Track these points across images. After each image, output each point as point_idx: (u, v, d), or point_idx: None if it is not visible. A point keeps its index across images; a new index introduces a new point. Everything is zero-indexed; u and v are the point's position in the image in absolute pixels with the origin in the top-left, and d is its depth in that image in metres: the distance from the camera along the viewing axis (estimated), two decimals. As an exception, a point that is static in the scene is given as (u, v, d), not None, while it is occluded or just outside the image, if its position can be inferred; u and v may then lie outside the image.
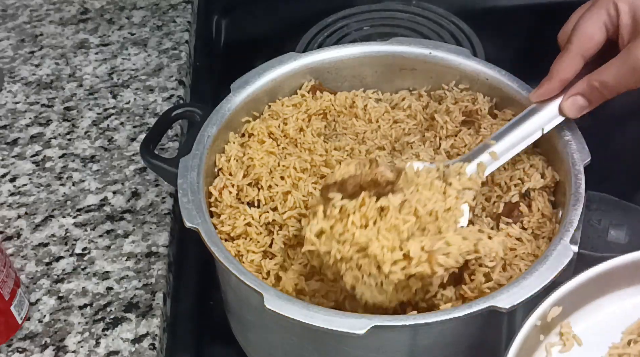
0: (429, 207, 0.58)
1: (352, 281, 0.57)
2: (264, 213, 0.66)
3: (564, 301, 0.55)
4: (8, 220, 0.78)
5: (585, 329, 0.56)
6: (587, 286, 0.56)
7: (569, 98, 0.64)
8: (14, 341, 0.67)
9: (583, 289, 0.56)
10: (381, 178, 0.60)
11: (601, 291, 0.57)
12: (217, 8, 1.14)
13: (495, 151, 0.65)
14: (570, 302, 0.56)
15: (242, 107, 0.72)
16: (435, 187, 0.60)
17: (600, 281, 0.57)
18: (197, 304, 0.76)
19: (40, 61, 0.98)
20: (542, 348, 0.56)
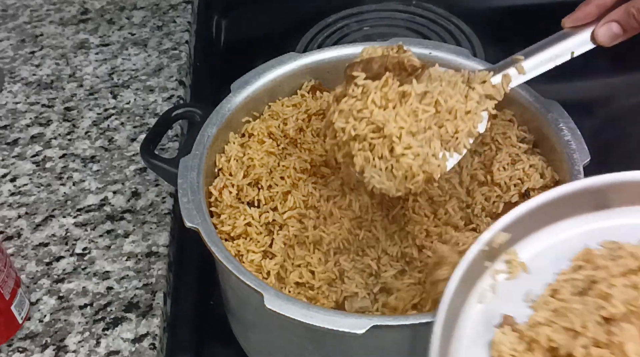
0: (450, 104, 0.57)
1: (362, 163, 0.56)
2: (264, 213, 0.66)
3: (512, 228, 0.55)
4: (8, 220, 0.78)
5: (532, 257, 0.56)
6: (535, 213, 0.56)
7: (604, 24, 0.63)
8: (14, 340, 0.67)
9: (531, 217, 0.56)
10: (407, 62, 0.59)
11: (549, 219, 0.57)
12: (217, 8, 1.14)
13: (523, 66, 0.64)
14: (518, 229, 0.55)
15: (242, 107, 0.72)
16: (459, 88, 0.59)
17: (549, 209, 0.56)
18: (197, 304, 0.76)
19: (40, 61, 0.98)
20: (487, 275, 0.55)
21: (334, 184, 0.68)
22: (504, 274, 0.55)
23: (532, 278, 0.54)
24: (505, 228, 0.55)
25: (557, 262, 0.55)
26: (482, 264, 0.54)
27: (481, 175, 0.67)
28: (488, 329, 0.52)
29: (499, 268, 0.55)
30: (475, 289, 0.54)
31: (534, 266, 0.55)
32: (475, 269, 0.53)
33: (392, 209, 0.66)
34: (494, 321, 0.52)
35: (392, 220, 0.66)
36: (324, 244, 0.64)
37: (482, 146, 0.70)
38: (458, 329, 0.52)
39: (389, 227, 0.66)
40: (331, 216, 0.65)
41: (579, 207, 0.57)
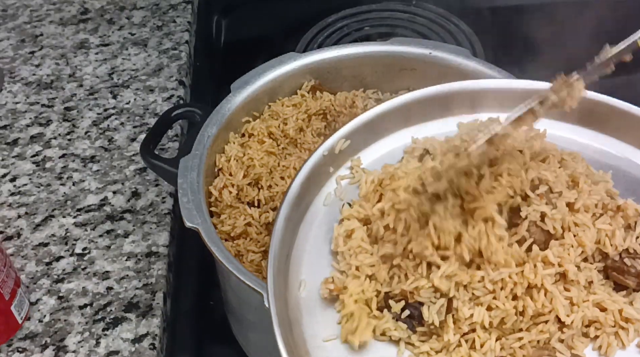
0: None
1: None
2: (264, 213, 0.66)
3: (354, 135, 0.58)
4: (8, 220, 0.78)
5: (374, 162, 0.59)
6: (378, 121, 0.59)
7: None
8: (14, 340, 0.67)
9: (373, 125, 0.59)
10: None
11: (392, 127, 0.60)
12: (217, 8, 1.14)
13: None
14: (360, 136, 0.58)
15: (242, 107, 0.72)
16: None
17: (391, 118, 0.59)
18: (197, 304, 0.76)
19: (40, 61, 0.98)
20: (332, 180, 0.58)
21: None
22: (347, 179, 0.58)
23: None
24: (346, 135, 0.58)
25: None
26: (327, 170, 0.58)
27: None
28: (331, 228, 0.55)
29: (343, 174, 0.59)
30: (321, 193, 0.57)
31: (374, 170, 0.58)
32: (319, 174, 0.57)
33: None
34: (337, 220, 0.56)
35: None
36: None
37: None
38: (303, 230, 0.55)
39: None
40: None
41: (422, 114, 0.60)
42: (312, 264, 0.54)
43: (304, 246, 0.54)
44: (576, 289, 0.51)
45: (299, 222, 0.55)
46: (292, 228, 0.54)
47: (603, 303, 0.51)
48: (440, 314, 0.49)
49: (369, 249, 0.53)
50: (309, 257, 0.54)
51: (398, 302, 0.51)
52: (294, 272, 0.53)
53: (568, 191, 0.53)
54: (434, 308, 0.49)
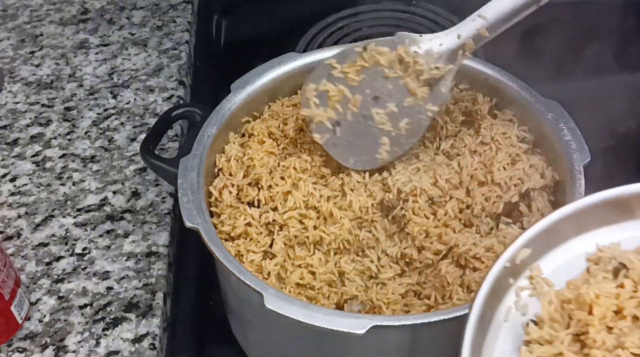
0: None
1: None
2: (264, 213, 0.66)
3: (533, 243, 0.54)
4: (8, 220, 0.78)
5: (554, 271, 0.55)
6: (556, 228, 0.55)
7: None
8: (14, 340, 0.67)
9: (552, 231, 0.55)
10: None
11: (570, 233, 0.56)
12: (217, 8, 1.14)
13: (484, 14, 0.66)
14: (539, 244, 0.55)
15: (242, 107, 0.72)
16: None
17: (569, 223, 0.55)
18: (197, 304, 0.77)
19: (40, 61, 0.98)
20: (511, 292, 0.54)
21: (334, 184, 0.68)
22: (527, 290, 0.54)
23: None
24: (526, 244, 0.54)
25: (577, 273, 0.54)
26: (507, 281, 0.54)
27: (481, 175, 0.67)
28: (515, 348, 0.51)
29: (523, 285, 0.54)
30: (501, 307, 0.53)
31: (557, 281, 0.54)
32: (499, 286, 0.53)
33: (392, 210, 0.66)
34: (521, 338, 0.51)
35: (392, 221, 0.66)
36: (324, 244, 0.64)
37: (482, 146, 0.70)
38: (486, 351, 0.51)
39: (389, 227, 0.66)
40: (331, 216, 0.65)
41: (600, 220, 0.56)
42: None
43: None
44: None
45: (481, 342, 0.51)
46: (476, 351, 0.50)
47: None
48: None
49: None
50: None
51: None
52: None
53: None
54: None
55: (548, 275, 0.55)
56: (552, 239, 0.56)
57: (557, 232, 0.55)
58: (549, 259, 0.55)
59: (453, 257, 0.63)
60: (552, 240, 0.56)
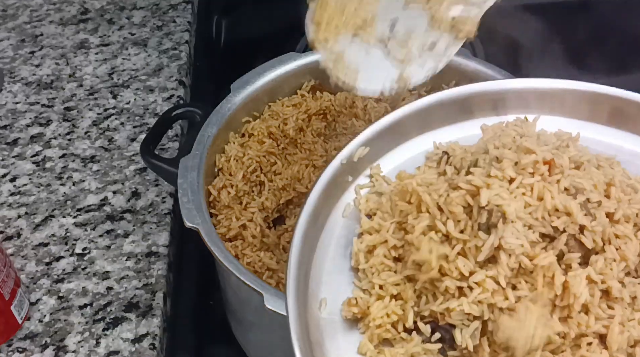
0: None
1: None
2: (263, 212, 0.66)
3: (373, 142, 0.55)
4: (8, 220, 0.78)
5: (395, 169, 0.56)
6: (397, 127, 0.56)
7: None
8: (14, 340, 0.67)
9: (393, 130, 0.56)
10: None
11: (412, 132, 0.57)
12: (217, 8, 1.14)
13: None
14: (379, 143, 0.56)
15: (242, 107, 0.72)
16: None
17: (410, 122, 0.57)
18: (197, 304, 0.76)
19: (40, 61, 0.98)
20: (351, 189, 0.55)
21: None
22: (367, 188, 0.55)
23: None
24: (364, 143, 0.55)
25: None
26: (345, 178, 0.55)
27: None
28: (350, 241, 0.52)
29: (362, 183, 0.55)
30: (340, 204, 0.54)
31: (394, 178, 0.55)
32: (337, 183, 0.54)
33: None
34: (356, 232, 0.52)
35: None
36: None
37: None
38: (321, 245, 0.52)
39: None
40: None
41: (443, 118, 0.57)
42: (332, 281, 0.51)
43: (323, 262, 0.51)
44: (620, 307, 0.47)
45: (316, 236, 0.52)
46: (310, 244, 0.51)
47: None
48: (475, 338, 0.46)
49: (393, 267, 0.50)
50: (328, 274, 0.51)
51: (427, 324, 0.47)
52: (313, 291, 0.50)
53: (607, 200, 0.49)
54: (467, 331, 0.46)
55: (388, 173, 0.56)
56: (394, 138, 0.57)
57: (398, 131, 0.57)
58: (390, 157, 0.57)
59: None
60: (393, 139, 0.57)
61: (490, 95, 0.58)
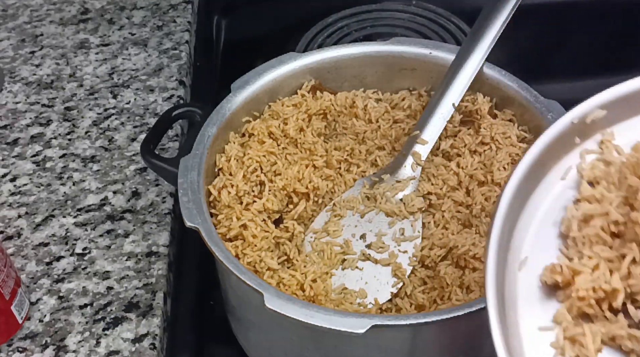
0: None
1: None
2: (263, 213, 0.66)
3: (612, 105, 0.49)
4: (8, 220, 0.78)
5: (628, 143, 0.49)
6: (635, 96, 0.49)
7: None
8: (14, 340, 0.67)
9: (635, 98, 0.49)
10: None
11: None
12: (217, 8, 1.14)
13: (423, 138, 0.69)
14: (619, 108, 0.49)
15: (242, 107, 0.72)
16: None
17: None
18: (197, 304, 0.77)
19: (40, 61, 0.98)
20: (575, 152, 0.49)
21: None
22: (594, 154, 0.50)
23: None
24: (602, 105, 0.49)
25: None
26: (572, 140, 0.49)
27: (481, 175, 0.67)
28: (564, 206, 0.47)
29: (590, 148, 0.50)
30: (560, 165, 0.49)
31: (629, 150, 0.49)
32: (562, 142, 0.49)
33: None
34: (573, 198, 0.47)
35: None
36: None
37: (482, 146, 0.70)
38: (532, 202, 0.48)
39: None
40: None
41: None
42: (538, 243, 0.46)
43: (531, 221, 0.47)
44: None
45: (529, 192, 0.47)
46: (521, 198, 0.46)
47: None
48: None
49: (609, 242, 0.45)
50: (534, 235, 0.47)
51: (638, 309, 0.43)
52: (516, 247, 0.46)
53: None
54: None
55: (622, 143, 0.49)
56: (631, 106, 0.50)
57: (637, 100, 0.50)
58: (628, 126, 0.50)
59: (452, 258, 0.63)
60: (635, 106, 0.50)
61: None
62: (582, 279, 0.44)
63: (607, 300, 0.44)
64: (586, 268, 0.44)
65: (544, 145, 0.47)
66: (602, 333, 0.43)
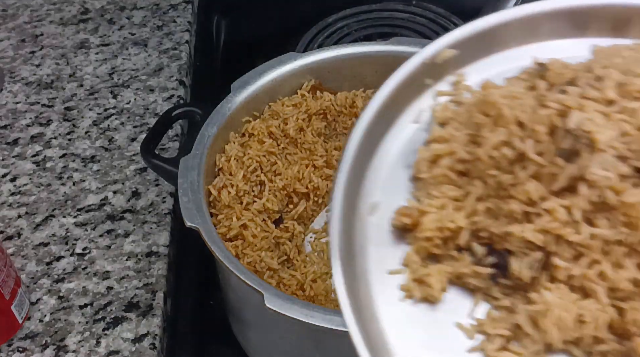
0: None
1: None
2: (264, 213, 0.66)
3: (461, 45, 0.49)
4: (8, 220, 0.78)
5: (481, 81, 0.49)
6: (495, 33, 0.49)
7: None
8: (14, 340, 0.67)
9: (489, 37, 0.49)
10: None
11: (512, 41, 0.50)
12: (217, 8, 1.14)
13: None
14: (468, 48, 0.49)
15: (242, 107, 0.72)
16: None
17: (511, 31, 0.49)
18: (197, 304, 0.77)
19: (40, 61, 0.98)
20: (428, 94, 0.49)
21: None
22: (448, 96, 0.49)
23: None
24: (453, 44, 0.48)
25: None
26: (423, 81, 0.49)
27: None
28: (415, 151, 0.46)
29: (443, 89, 0.49)
30: (413, 107, 0.49)
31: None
32: (414, 85, 0.48)
33: None
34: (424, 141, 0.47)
35: None
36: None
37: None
38: (384, 146, 0.47)
39: None
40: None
41: (551, 30, 0.50)
42: (389, 188, 0.46)
43: (382, 166, 0.47)
44: None
45: (380, 136, 0.47)
46: (371, 142, 0.46)
47: None
48: (532, 269, 0.41)
49: (456, 181, 0.45)
50: (386, 179, 0.46)
51: (482, 246, 0.43)
52: (366, 193, 0.45)
53: None
54: (525, 261, 0.41)
55: (474, 83, 0.49)
56: (489, 45, 0.50)
57: (495, 38, 0.50)
58: (480, 66, 0.50)
59: None
60: (488, 46, 0.50)
61: (614, 12, 0.50)
62: (428, 220, 0.43)
63: (453, 239, 0.44)
64: (432, 208, 0.44)
65: (393, 87, 0.47)
66: (447, 272, 0.43)
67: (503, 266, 0.42)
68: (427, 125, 0.48)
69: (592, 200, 0.41)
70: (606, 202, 0.40)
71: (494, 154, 0.43)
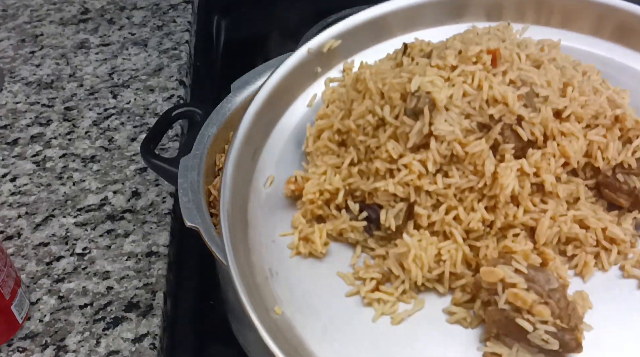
0: None
1: None
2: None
3: (345, 36, 0.56)
4: (9, 220, 0.78)
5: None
6: (379, 23, 0.57)
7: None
8: (14, 340, 0.67)
9: (371, 26, 0.57)
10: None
11: (397, 30, 0.57)
12: (217, 8, 1.14)
13: None
14: (353, 38, 0.56)
15: (242, 107, 0.72)
16: None
17: (396, 20, 0.57)
18: (197, 304, 0.76)
19: (40, 61, 0.98)
20: (320, 81, 0.56)
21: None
22: (338, 82, 0.56)
23: None
24: (336, 36, 0.56)
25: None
26: (313, 69, 0.56)
27: None
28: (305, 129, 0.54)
29: (333, 76, 0.56)
30: (306, 93, 0.56)
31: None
32: (305, 72, 0.55)
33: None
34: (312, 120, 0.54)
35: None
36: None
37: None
38: (279, 128, 0.55)
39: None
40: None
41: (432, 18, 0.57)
42: (283, 162, 0.54)
43: (277, 144, 0.54)
44: (554, 203, 0.48)
45: (275, 118, 0.54)
46: (265, 123, 0.53)
47: (585, 220, 0.48)
48: (398, 218, 0.48)
49: (336, 150, 0.52)
50: (280, 156, 0.54)
51: (356, 203, 0.50)
52: (261, 168, 0.53)
53: (558, 97, 0.50)
54: (392, 212, 0.49)
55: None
56: (374, 34, 0.57)
57: (380, 28, 0.57)
58: (367, 54, 0.57)
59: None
60: (373, 36, 0.57)
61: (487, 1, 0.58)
62: (310, 184, 0.51)
63: (333, 200, 0.51)
64: (315, 175, 0.52)
65: (284, 74, 0.54)
66: (329, 230, 0.50)
67: (375, 219, 0.49)
68: (317, 108, 0.55)
69: (442, 153, 0.47)
70: (455, 154, 0.48)
71: (360, 122, 0.51)
